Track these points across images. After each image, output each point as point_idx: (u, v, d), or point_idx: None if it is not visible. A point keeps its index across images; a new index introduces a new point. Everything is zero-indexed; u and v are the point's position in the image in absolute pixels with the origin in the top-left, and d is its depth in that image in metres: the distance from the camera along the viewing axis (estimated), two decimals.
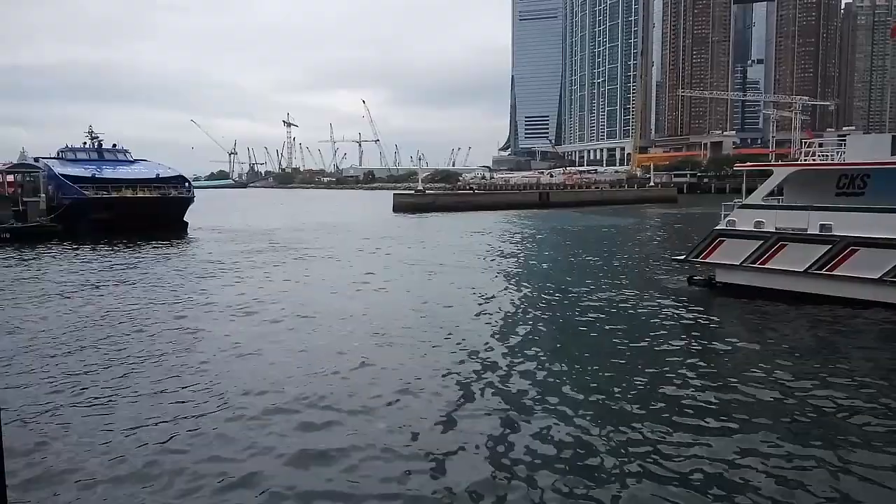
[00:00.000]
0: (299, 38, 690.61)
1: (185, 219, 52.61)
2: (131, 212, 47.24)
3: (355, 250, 38.11)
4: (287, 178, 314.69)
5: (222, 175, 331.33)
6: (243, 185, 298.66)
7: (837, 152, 23.11)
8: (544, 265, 32.72)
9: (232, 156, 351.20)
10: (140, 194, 49.50)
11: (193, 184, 58.72)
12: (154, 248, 39.21)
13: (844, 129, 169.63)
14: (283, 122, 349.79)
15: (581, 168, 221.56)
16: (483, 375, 13.61)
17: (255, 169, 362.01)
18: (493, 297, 22.96)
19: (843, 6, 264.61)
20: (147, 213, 48.18)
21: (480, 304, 21.46)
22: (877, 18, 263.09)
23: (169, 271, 29.59)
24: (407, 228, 58.68)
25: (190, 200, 52.92)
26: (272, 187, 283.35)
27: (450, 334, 17.16)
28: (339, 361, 14.54)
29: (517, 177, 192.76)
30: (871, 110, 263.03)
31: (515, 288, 25.27)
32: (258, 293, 23.59)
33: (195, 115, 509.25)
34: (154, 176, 53.08)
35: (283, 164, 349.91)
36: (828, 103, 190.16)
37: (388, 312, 20.21)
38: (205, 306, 21.28)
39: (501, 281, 26.97)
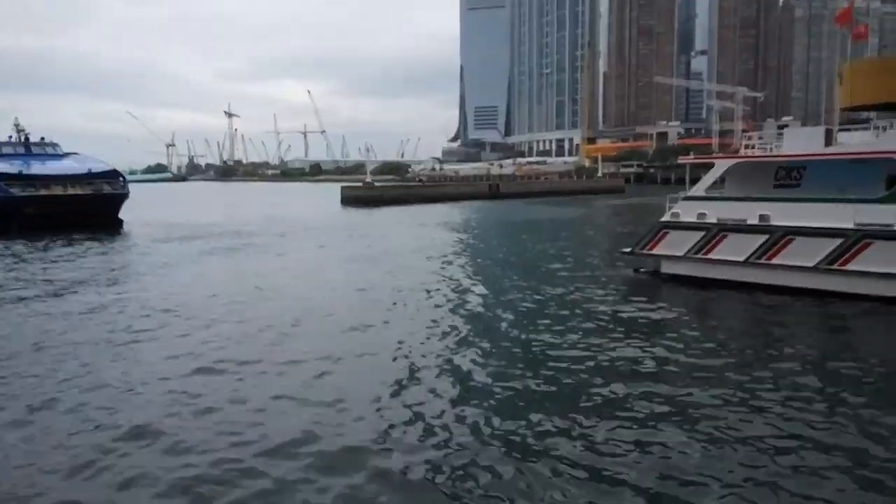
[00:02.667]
0: (243, 28, 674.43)
1: (119, 216, 50.49)
2: (61, 210, 45.02)
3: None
4: (229, 171, 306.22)
5: (160, 168, 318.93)
6: (182, 179, 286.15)
7: (775, 145, 23.48)
8: (492, 256, 32.35)
9: (170, 148, 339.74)
10: (71, 191, 47.18)
11: (129, 177, 56.43)
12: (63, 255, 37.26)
13: (784, 118, 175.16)
14: (225, 112, 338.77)
15: (531, 159, 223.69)
16: (413, 371, 13.28)
17: (195, 161, 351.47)
18: (434, 290, 22.50)
19: None
20: (78, 210, 45.95)
21: (419, 299, 20.89)
22: (813, 11, 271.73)
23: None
24: (356, 225, 57.62)
25: (124, 197, 50.78)
26: (213, 180, 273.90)
27: (389, 328, 16.52)
28: None
29: (467, 168, 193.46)
30: (808, 101, 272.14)
31: (459, 280, 24.85)
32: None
33: (133, 104, 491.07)
34: (86, 171, 50.38)
35: (225, 157, 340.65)
36: (758, 94, 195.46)
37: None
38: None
39: (446, 274, 26.37)
